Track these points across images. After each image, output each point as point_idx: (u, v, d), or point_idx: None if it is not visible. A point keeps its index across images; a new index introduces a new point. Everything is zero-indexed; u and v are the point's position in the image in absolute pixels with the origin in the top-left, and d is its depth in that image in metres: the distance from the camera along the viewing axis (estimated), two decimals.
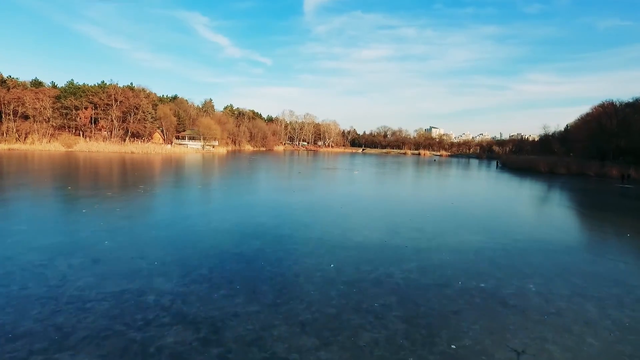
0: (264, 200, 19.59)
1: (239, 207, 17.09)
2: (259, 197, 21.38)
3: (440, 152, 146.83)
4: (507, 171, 57.94)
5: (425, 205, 20.58)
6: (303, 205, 18.12)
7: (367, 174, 42.38)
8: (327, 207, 18.03)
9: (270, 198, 20.66)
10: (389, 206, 19.61)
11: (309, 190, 24.96)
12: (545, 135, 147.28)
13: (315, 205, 18.52)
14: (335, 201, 19.97)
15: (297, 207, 17.51)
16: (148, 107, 75.21)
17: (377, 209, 18.18)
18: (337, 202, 19.39)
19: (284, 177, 35.54)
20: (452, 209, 18.98)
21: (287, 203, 18.69)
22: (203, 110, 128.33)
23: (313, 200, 19.83)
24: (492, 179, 42.82)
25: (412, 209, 18.49)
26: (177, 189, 23.79)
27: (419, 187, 32.64)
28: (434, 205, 20.74)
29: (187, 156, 65.02)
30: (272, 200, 19.58)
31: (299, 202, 18.68)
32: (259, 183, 29.56)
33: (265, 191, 24.21)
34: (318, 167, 51.88)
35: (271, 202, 19.13)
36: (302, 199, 19.94)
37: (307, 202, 18.93)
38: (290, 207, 17.57)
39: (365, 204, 19.80)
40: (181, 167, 42.20)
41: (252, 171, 40.22)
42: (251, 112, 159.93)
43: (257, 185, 27.76)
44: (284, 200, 19.76)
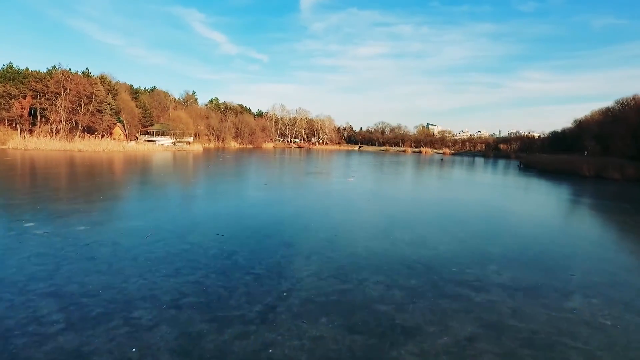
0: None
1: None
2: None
3: (443, 150, 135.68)
4: (534, 174, 46.87)
5: (486, 256, 9.24)
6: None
7: (366, 181, 31.04)
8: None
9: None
10: (412, 261, 8.28)
11: (261, 223, 13.42)
12: (555, 132, 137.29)
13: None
14: (300, 267, 8.57)
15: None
16: (105, 97, 63.06)
17: (396, 277, 6.79)
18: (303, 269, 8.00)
19: (235, 192, 23.95)
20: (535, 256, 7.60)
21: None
22: (183, 103, 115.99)
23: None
24: (529, 187, 31.74)
25: (465, 274, 7.15)
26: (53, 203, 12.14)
27: (447, 205, 21.23)
28: (505, 254, 9.40)
29: (146, 156, 53.13)
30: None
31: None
32: (174, 205, 17.94)
33: (168, 233, 12.62)
34: (304, 171, 40.42)
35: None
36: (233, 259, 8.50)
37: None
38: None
39: (368, 262, 8.45)
40: (115, 171, 30.55)
41: (202, 179, 28.70)
42: (239, 107, 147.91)
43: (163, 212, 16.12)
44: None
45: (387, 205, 19.21)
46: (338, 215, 15.72)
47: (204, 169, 36.32)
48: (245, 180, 28.59)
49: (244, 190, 23.18)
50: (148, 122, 76.14)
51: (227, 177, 30.35)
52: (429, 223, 15.09)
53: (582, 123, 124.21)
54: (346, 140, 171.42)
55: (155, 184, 24.25)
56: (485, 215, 17.49)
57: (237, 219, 14.21)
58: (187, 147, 74.73)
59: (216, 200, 19.05)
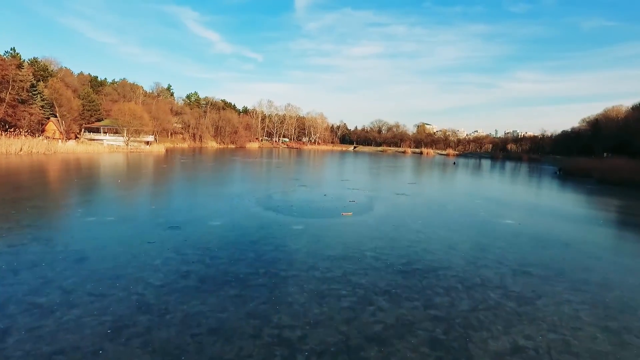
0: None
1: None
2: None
3: (446, 151, 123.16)
4: (596, 185, 34.17)
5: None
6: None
7: (372, 210, 17.77)
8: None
9: None
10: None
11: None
12: (566, 132, 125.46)
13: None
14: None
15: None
16: (35, 84, 48.88)
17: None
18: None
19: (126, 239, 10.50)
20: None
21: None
22: (154, 97, 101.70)
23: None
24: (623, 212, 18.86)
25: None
26: None
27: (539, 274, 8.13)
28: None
29: (77, 160, 39.23)
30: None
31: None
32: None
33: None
34: (287, 183, 27.21)
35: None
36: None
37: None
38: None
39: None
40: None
41: (109, 203, 15.21)
42: (222, 102, 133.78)
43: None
44: None
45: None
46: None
47: (129, 184, 22.79)
48: (163, 212, 15.07)
49: (146, 233, 9.87)
50: (95, 117, 61.80)
51: (156, 196, 17.08)
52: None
53: (598, 123, 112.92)
54: (340, 140, 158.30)
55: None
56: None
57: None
58: (146, 148, 60.82)
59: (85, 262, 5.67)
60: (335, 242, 11.18)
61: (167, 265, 8.62)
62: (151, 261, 8.80)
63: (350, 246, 10.78)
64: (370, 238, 11.78)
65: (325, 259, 9.57)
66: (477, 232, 13.30)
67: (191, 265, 8.66)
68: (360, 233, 12.38)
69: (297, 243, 10.86)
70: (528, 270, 9.40)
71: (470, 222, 14.90)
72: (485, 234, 13.00)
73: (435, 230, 13.14)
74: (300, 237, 11.49)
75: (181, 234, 11.31)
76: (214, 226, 12.48)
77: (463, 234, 12.84)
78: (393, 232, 12.64)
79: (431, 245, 11.20)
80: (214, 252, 9.71)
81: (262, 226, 12.72)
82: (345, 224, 13.63)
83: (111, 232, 11.14)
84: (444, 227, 13.87)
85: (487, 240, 12.23)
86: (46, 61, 66.62)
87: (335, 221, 14.08)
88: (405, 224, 14.15)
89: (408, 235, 12.32)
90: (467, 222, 15.00)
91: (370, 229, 12.98)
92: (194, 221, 13.04)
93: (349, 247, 10.65)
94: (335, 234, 12.18)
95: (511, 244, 11.90)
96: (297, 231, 12.24)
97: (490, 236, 12.76)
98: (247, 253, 9.75)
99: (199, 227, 12.28)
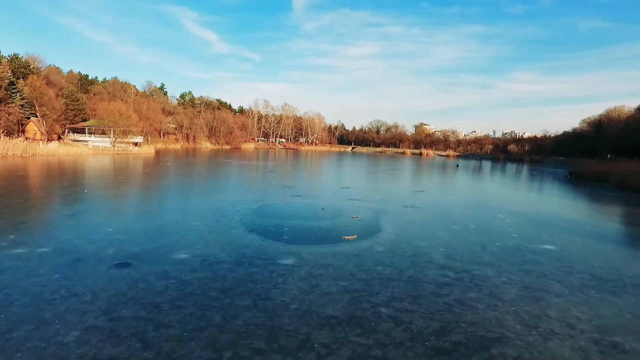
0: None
1: None
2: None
3: (446, 152, 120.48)
4: (606, 190, 31.48)
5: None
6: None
7: (378, 221, 14.94)
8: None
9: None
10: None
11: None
12: (567, 133, 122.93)
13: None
14: None
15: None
16: (15, 82, 45.66)
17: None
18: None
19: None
20: None
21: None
22: (146, 96, 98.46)
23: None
24: None
25: None
26: None
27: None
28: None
29: (57, 163, 36.13)
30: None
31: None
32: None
33: None
34: (280, 192, 24.45)
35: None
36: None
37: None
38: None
39: None
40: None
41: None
42: (217, 102, 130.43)
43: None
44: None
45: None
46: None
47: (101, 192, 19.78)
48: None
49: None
50: (80, 116, 58.45)
51: (119, 213, 14.09)
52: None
53: (601, 124, 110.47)
54: (338, 141, 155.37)
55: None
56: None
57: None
58: (134, 150, 57.65)
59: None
60: (337, 289, 8.25)
61: (84, 344, 5.65)
62: (62, 337, 5.84)
63: (357, 297, 7.85)
64: (382, 280, 8.86)
65: (322, 324, 6.63)
66: (518, 266, 10.40)
67: (121, 345, 5.70)
68: (368, 271, 9.45)
69: (285, 292, 7.92)
70: (616, 342, 6.50)
71: (504, 251, 12.00)
72: (530, 270, 10.10)
73: (465, 266, 10.23)
74: (290, 281, 8.55)
75: (128, 277, 8.35)
76: (177, 262, 9.51)
77: (502, 270, 9.93)
78: (411, 269, 9.73)
79: (466, 294, 8.29)
80: (164, 315, 6.75)
81: (241, 262, 9.76)
82: (348, 255, 10.69)
83: (30, 276, 8.16)
84: (473, 259, 10.97)
85: (536, 280, 9.33)
86: (29, 58, 63.21)
87: (336, 250, 11.15)
88: (423, 253, 11.24)
89: (432, 274, 9.40)
90: (500, 250, 12.10)
91: (381, 263, 10.06)
92: (153, 254, 10.07)
93: (355, 299, 7.73)
94: (336, 273, 9.24)
95: (570, 287, 9.01)
96: (286, 270, 9.30)
97: (537, 273, 9.86)
98: (210, 315, 6.80)
99: (156, 264, 9.32)
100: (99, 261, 9.31)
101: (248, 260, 9.91)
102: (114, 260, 9.38)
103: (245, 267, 9.34)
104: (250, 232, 12.86)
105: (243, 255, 10.26)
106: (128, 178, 28.55)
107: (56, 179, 25.80)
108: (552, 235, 14.41)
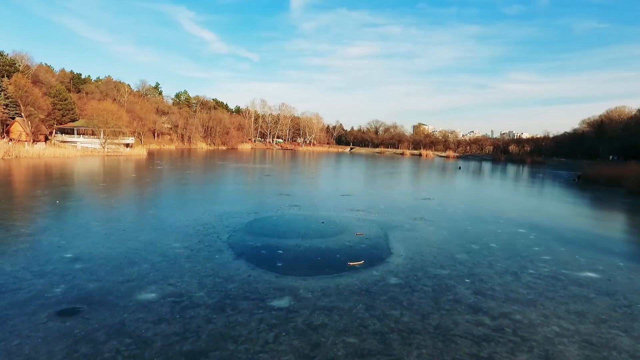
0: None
1: None
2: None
3: (446, 153, 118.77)
4: (622, 195, 29.71)
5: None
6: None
7: (386, 239, 13.02)
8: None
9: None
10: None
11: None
12: (567, 133, 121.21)
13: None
14: None
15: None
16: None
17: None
18: None
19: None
20: None
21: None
22: (140, 96, 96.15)
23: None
24: None
25: None
26: None
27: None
28: None
29: (42, 166, 33.97)
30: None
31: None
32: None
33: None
34: (276, 200, 22.57)
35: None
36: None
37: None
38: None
39: None
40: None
41: None
42: (213, 102, 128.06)
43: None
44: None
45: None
46: None
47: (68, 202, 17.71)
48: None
49: None
50: (69, 116, 56.08)
51: (85, 232, 12.02)
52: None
53: (602, 125, 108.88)
54: (336, 141, 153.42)
55: None
56: None
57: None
58: (125, 151, 55.39)
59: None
60: (345, 349, 6.25)
61: None
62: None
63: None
64: (403, 333, 6.87)
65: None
66: (566, 306, 8.43)
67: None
68: (383, 318, 7.46)
69: (276, 358, 5.92)
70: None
71: (542, 282, 10.04)
72: (582, 312, 8.13)
73: (501, 307, 8.25)
74: (283, 338, 6.55)
75: (69, 334, 6.32)
76: (140, 305, 7.49)
77: (548, 314, 7.96)
78: (436, 314, 7.75)
79: (516, 356, 6.31)
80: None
81: (222, 305, 7.74)
82: (356, 291, 8.71)
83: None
84: (508, 295, 9.00)
85: (595, 329, 7.37)
86: (16, 56, 60.78)
87: (341, 283, 9.15)
88: (446, 286, 9.27)
89: (463, 322, 7.43)
90: (536, 281, 10.15)
91: (398, 304, 8.07)
92: (112, 292, 8.04)
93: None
94: (343, 322, 7.24)
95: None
96: (279, 317, 7.29)
97: (592, 317, 7.91)
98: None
99: (112, 309, 7.29)
100: (39, 306, 7.28)
101: (231, 301, 7.90)
102: (60, 305, 7.36)
103: (227, 314, 7.33)
104: (238, 257, 10.85)
105: (226, 294, 8.25)
106: (110, 184, 26.45)
107: (30, 186, 23.68)
108: (588, 257, 12.48)
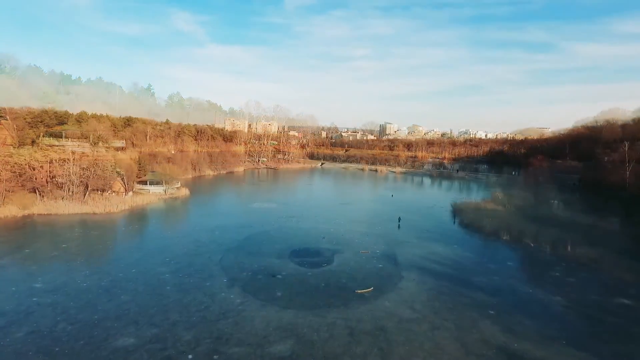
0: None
1: None
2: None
3: (442, 155, 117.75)
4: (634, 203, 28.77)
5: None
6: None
7: (396, 250, 11.85)
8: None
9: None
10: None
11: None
12: (564, 135, 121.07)
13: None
14: None
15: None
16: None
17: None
18: None
19: None
20: None
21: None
22: (133, 97, 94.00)
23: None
24: None
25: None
26: None
27: None
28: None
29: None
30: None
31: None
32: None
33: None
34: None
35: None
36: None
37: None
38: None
39: None
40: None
41: None
42: (207, 103, 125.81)
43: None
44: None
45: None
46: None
47: None
48: None
49: None
50: (58, 119, 53.84)
51: None
52: None
53: (599, 127, 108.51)
54: (331, 145, 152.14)
55: None
56: None
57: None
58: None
59: None
60: None
61: None
62: None
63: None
64: None
65: None
66: None
67: None
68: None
69: None
70: None
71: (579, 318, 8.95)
72: None
73: (536, 349, 7.13)
74: None
75: None
76: (116, 358, 6.22)
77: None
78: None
79: None
80: None
81: (213, 353, 6.50)
82: (370, 331, 7.53)
83: None
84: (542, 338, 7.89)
85: None
86: (2, 56, 58.74)
87: (350, 319, 7.97)
88: (469, 320, 8.12)
89: None
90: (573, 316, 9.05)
91: (419, 347, 6.90)
92: (87, 342, 6.75)
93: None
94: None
95: None
96: None
97: None
98: None
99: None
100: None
101: (224, 348, 6.66)
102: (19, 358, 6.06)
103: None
104: (232, 284, 9.62)
105: (218, 337, 7.00)
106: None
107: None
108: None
